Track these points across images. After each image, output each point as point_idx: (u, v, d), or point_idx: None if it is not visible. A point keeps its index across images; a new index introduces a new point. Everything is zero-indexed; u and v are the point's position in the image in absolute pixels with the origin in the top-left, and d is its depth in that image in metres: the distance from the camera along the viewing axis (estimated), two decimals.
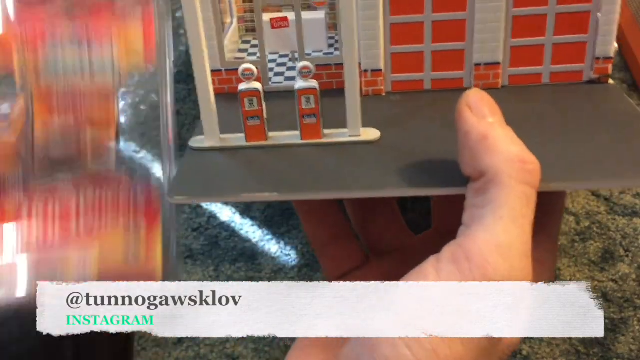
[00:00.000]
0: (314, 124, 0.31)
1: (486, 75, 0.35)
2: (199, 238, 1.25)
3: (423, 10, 0.34)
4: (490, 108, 0.26)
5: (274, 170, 0.30)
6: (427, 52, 0.35)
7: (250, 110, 0.31)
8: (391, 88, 0.36)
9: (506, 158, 0.25)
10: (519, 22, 0.34)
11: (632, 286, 1.22)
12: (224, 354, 1.12)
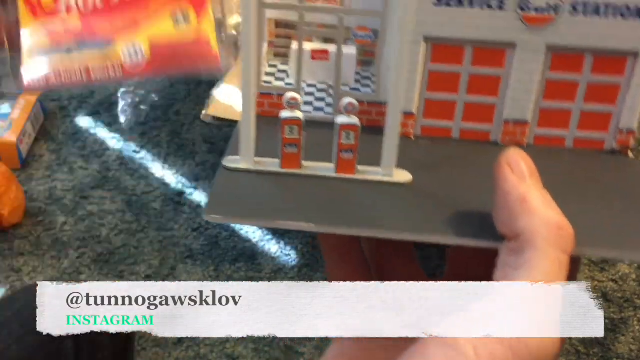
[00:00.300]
0: (351, 159, 0.31)
1: (514, 132, 0.36)
2: (199, 238, 1.26)
3: (462, 62, 0.34)
4: (530, 169, 0.27)
5: (309, 200, 0.30)
6: (459, 102, 0.36)
7: (289, 138, 0.31)
8: (420, 132, 0.36)
9: (544, 223, 0.25)
10: (552, 85, 0.35)
11: (632, 286, 1.22)
12: (224, 354, 1.12)
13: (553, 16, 0.33)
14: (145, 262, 1.17)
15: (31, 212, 1.24)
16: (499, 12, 0.33)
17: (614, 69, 0.35)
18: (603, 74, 0.35)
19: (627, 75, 0.35)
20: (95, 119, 1.45)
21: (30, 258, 1.17)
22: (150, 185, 1.30)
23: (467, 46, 0.34)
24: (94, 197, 1.27)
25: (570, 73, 0.35)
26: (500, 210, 0.27)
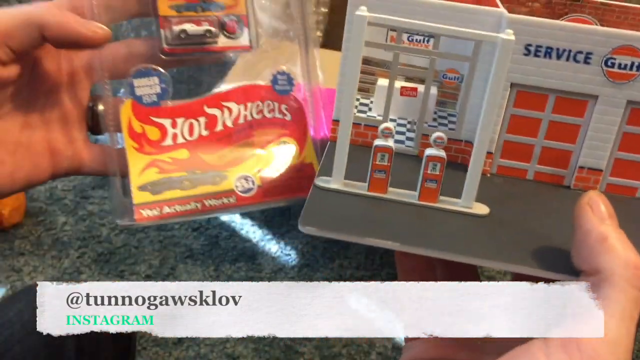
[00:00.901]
0: (434, 188, 0.34)
1: (587, 178, 0.38)
2: (199, 238, 1.26)
3: (544, 109, 0.37)
4: (609, 212, 0.29)
5: (394, 222, 0.33)
6: (537, 146, 0.38)
7: (380, 164, 0.34)
8: (496, 170, 0.39)
9: (623, 262, 0.27)
10: (628, 137, 0.37)
11: None
12: (224, 354, 1.12)
13: (636, 74, 0.35)
14: (146, 261, 1.17)
15: (32, 212, 1.24)
16: (585, 66, 0.35)
17: None
18: None
19: None
20: None
21: (30, 258, 1.17)
22: None
23: (550, 95, 0.36)
24: (94, 197, 1.27)
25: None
26: (580, 247, 0.29)
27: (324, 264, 1.19)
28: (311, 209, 0.33)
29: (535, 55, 0.35)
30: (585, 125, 0.37)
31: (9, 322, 0.58)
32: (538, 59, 0.35)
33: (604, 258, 0.27)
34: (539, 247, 0.31)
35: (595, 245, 0.28)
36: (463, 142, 0.38)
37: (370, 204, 0.34)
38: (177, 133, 0.41)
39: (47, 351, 0.57)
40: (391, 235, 0.31)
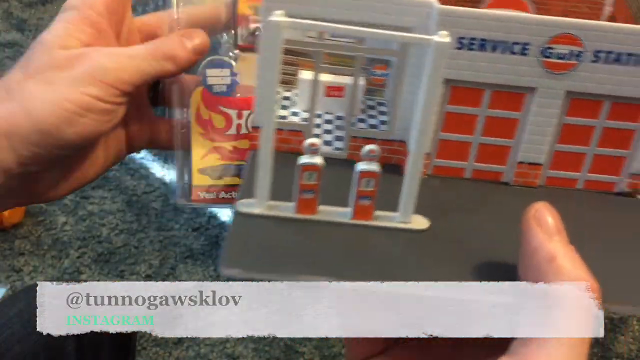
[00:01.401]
0: (368, 205, 0.31)
1: (527, 173, 0.36)
2: (199, 238, 1.26)
3: (480, 104, 0.35)
4: (557, 226, 0.27)
5: (327, 251, 0.30)
6: (474, 144, 0.36)
7: (307, 184, 0.30)
8: (432, 171, 0.37)
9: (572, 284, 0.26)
10: (568, 129, 0.36)
11: None
12: (224, 354, 1.12)
13: (574, 63, 0.34)
14: (146, 262, 1.17)
15: (32, 212, 1.24)
16: (521, 57, 0.33)
17: (630, 115, 0.35)
18: (619, 119, 0.35)
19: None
20: None
21: (30, 258, 1.17)
22: (150, 185, 1.30)
23: (486, 89, 0.35)
24: (94, 197, 1.27)
25: (587, 118, 0.35)
26: (527, 266, 0.27)
27: None
28: (233, 244, 0.29)
29: (469, 49, 0.33)
30: (524, 119, 0.35)
31: (9, 322, 0.58)
32: (472, 52, 0.33)
33: (551, 280, 0.26)
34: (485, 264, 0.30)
35: (542, 265, 0.26)
36: (396, 142, 0.36)
37: (300, 231, 0.31)
38: (242, 124, 0.42)
39: (47, 351, 0.57)
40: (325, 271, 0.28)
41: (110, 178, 1.31)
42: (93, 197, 1.27)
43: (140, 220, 1.24)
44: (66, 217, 1.23)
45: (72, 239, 1.20)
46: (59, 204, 1.25)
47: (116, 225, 1.23)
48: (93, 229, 1.22)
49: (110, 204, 1.26)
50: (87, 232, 1.21)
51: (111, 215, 1.24)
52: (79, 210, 1.25)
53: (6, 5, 1.68)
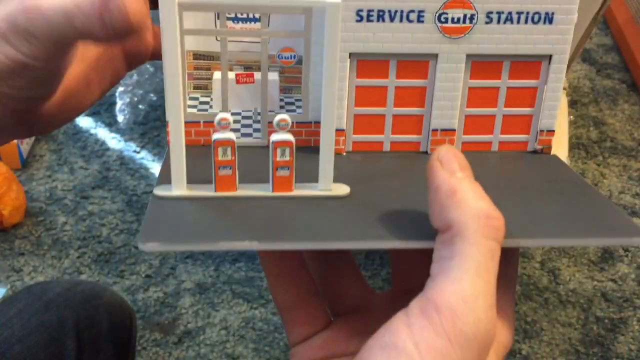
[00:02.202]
0: (287, 176, 0.31)
1: (442, 140, 0.37)
2: None
3: (387, 75, 0.35)
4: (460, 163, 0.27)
5: (248, 220, 0.30)
6: (388, 116, 0.36)
7: (223, 160, 0.30)
8: (351, 148, 0.37)
9: (473, 213, 0.25)
10: (474, 93, 0.36)
11: (632, 286, 1.22)
12: (224, 354, 1.12)
13: (469, 26, 0.35)
14: (146, 262, 1.17)
15: (32, 212, 1.24)
16: (419, 25, 0.34)
17: (531, 73, 0.36)
18: (521, 78, 0.36)
19: (543, 78, 0.36)
20: (95, 119, 1.46)
21: (30, 258, 1.17)
22: (150, 185, 1.30)
23: (391, 60, 0.35)
24: (94, 197, 1.27)
25: (490, 80, 0.36)
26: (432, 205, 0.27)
27: None
28: (151, 223, 0.29)
29: (368, 21, 0.34)
30: (431, 86, 0.36)
31: (8, 322, 0.58)
32: (372, 24, 0.34)
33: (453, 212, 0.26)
34: (402, 219, 0.30)
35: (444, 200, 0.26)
36: (312, 123, 0.36)
37: (219, 206, 0.30)
38: None
39: (47, 351, 0.57)
40: (247, 235, 0.28)
41: (110, 178, 1.31)
42: (93, 197, 1.27)
43: (140, 220, 1.24)
44: (66, 217, 1.23)
45: (72, 239, 1.20)
46: (59, 204, 1.25)
47: (116, 225, 1.23)
48: (93, 229, 1.22)
49: (110, 204, 1.26)
50: (87, 232, 1.21)
51: (111, 215, 1.24)
52: (79, 210, 1.25)
53: None
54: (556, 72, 0.36)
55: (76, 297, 0.62)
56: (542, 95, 0.37)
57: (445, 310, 0.24)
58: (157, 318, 1.10)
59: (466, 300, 0.24)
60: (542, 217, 0.31)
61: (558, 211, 0.32)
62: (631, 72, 1.63)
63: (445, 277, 0.25)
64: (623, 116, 1.52)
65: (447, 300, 0.24)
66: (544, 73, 0.36)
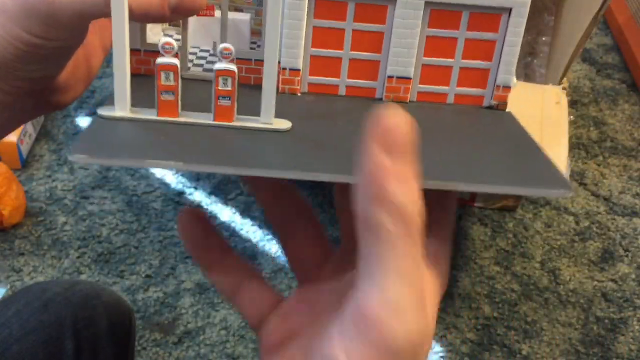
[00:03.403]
0: (229, 106, 0.31)
1: (397, 88, 0.36)
2: None
3: (345, 17, 0.35)
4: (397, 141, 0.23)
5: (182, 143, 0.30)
6: (345, 59, 0.36)
7: (166, 85, 0.30)
8: (307, 89, 0.36)
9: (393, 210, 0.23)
10: (432, 42, 0.36)
11: (632, 286, 1.22)
12: (224, 354, 1.12)
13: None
14: (146, 262, 1.17)
15: (32, 212, 1.24)
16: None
17: (489, 26, 0.36)
18: (479, 30, 0.36)
19: (502, 31, 0.36)
20: None
21: (30, 258, 1.17)
22: (150, 185, 1.30)
23: (349, 2, 0.34)
24: (94, 197, 1.28)
25: (449, 30, 0.36)
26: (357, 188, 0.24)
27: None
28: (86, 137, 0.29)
29: None
30: (389, 32, 0.35)
31: (7, 322, 0.58)
32: None
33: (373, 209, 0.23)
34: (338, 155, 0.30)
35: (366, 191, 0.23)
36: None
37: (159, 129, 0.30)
38: None
39: (46, 351, 0.57)
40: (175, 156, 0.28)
41: (110, 178, 1.31)
42: (93, 197, 1.27)
43: (140, 220, 1.24)
44: (66, 217, 1.23)
45: (72, 239, 1.20)
46: (58, 204, 1.25)
47: (116, 225, 1.23)
48: (93, 229, 1.22)
49: (110, 204, 1.26)
50: (87, 232, 1.21)
51: (111, 215, 1.24)
52: (79, 210, 1.25)
53: None
54: (515, 26, 0.35)
55: (75, 297, 0.62)
56: (500, 49, 0.36)
57: (372, 322, 0.23)
58: (157, 318, 1.10)
59: (394, 310, 0.23)
60: (475, 165, 0.31)
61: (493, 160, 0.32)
62: (631, 72, 1.62)
63: (371, 281, 0.24)
64: (623, 116, 1.52)
65: (374, 310, 0.23)
66: (502, 27, 0.36)
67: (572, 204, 1.34)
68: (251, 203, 1.29)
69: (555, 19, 1.08)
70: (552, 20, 1.09)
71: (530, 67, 1.10)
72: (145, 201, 1.27)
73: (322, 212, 1.28)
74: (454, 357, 1.08)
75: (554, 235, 1.27)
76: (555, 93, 1.02)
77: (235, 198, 1.29)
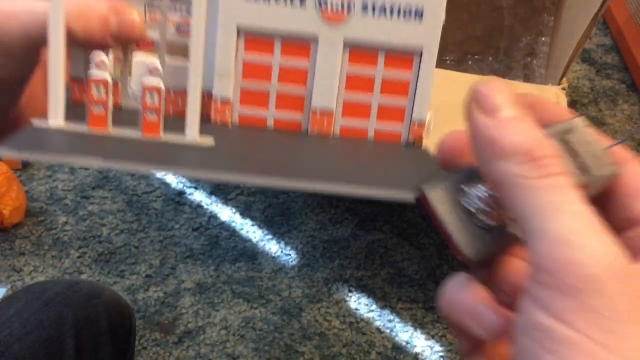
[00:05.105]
0: (155, 121, 0.33)
1: (321, 121, 0.38)
2: (199, 238, 1.26)
3: (273, 52, 0.37)
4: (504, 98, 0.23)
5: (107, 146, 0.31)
6: (272, 92, 0.38)
7: (97, 98, 0.32)
8: (237, 120, 0.38)
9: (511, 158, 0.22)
10: (352, 78, 0.38)
11: None
12: (224, 354, 1.12)
13: (346, 14, 0.37)
14: (146, 261, 1.18)
15: (32, 212, 1.24)
16: (301, 8, 0.36)
17: (404, 65, 0.38)
18: (395, 68, 0.38)
19: (415, 70, 0.38)
20: None
21: (31, 258, 1.17)
22: (150, 185, 1.31)
23: (276, 38, 0.37)
24: (94, 197, 1.28)
25: (367, 67, 0.38)
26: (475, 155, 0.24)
27: (324, 263, 1.20)
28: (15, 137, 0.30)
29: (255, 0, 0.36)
30: (313, 68, 0.37)
31: (7, 322, 0.58)
32: (259, 3, 0.36)
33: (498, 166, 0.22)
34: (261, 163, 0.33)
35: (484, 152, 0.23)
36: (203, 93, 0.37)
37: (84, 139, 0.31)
38: None
39: (46, 350, 0.57)
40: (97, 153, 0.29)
41: (110, 178, 1.31)
42: (93, 197, 1.28)
43: (140, 220, 1.24)
44: (66, 217, 1.24)
45: (73, 238, 1.20)
46: (59, 204, 1.26)
47: (116, 225, 1.23)
48: (93, 229, 1.22)
49: (111, 204, 1.26)
50: (88, 232, 1.22)
51: (111, 215, 1.24)
52: (79, 210, 1.25)
53: None
54: (427, 65, 0.38)
55: (75, 296, 0.62)
56: (414, 87, 0.38)
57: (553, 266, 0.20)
58: (157, 318, 1.10)
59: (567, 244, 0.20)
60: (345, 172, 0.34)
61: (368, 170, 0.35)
62: (631, 72, 1.63)
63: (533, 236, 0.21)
64: (623, 116, 1.52)
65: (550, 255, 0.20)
66: (415, 65, 0.38)
67: None
68: (251, 203, 1.30)
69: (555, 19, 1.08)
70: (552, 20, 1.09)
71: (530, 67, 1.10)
72: (145, 201, 1.27)
73: (322, 212, 1.28)
74: (454, 357, 1.08)
75: None
76: (554, 93, 1.02)
77: (235, 198, 1.30)
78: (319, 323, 1.11)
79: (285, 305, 1.13)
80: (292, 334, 1.10)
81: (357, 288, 1.17)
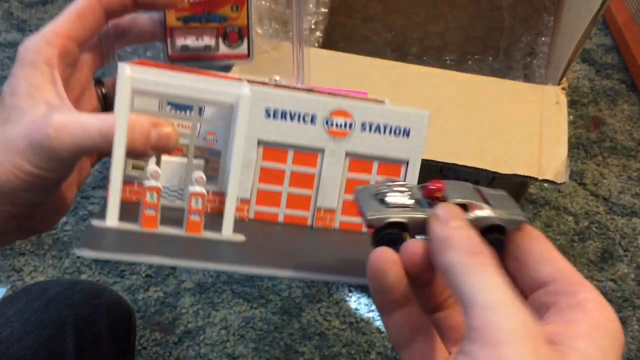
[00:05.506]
0: (198, 221, 0.40)
1: (325, 217, 0.46)
2: None
3: (286, 161, 0.45)
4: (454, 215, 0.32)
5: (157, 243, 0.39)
6: (284, 193, 0.45)
7: (150, 202, 0.39)
8: (253, 216, 0.45)
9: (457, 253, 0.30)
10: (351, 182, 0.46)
11: (631, 286, 1.22)
12: (224, 354, 1.12)
13: (349, 131, 0.45)
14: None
15: None
16: (311, 125, 0.44)
17: (393, 172, 0.46)
18: (386, 175, 0.46)
19: (402, 176, 0.46)
20: None
21: (31, 257, 1.17)
22: None
23: (289, 149, 0.45)
24: (94, 197, 1.28)
25: (364, 174, 0.46)
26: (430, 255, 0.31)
27: None
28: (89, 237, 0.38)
29: (274, 118, 0.44)
30: (319, 174, 0.45)
31: (8, 322, 0.58)
32: (276, 120, 0.44)
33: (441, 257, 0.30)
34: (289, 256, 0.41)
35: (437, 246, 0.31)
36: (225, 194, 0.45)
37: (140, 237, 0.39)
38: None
39: (47, 350, 0.58)
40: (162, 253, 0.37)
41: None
42: (93, 197, 1.28)
43: None
44: (66, 217, 1.23)
45: (73, 238, 1.20)
46: None
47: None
48: None
49: None
50: None
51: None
52: (79, 210, 1.25)
53: (7, 5, 1.68)
54: (412, 173, 0.46)
55: (75, 296, 0.62)
56: None
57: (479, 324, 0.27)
58: (157, 318, 1.10)
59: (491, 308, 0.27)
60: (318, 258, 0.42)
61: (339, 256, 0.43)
62: (631, 72, 1.63)
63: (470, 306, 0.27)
64: (622, 116, 1.52)
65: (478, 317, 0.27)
66: (403, 174, 0.46)
67: (572, 204, 1.34)
68: None
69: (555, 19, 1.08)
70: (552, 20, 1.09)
71: (530, 67, 1.10)
72: None
73: None
74: None
75: (553, 235, 1.27)
76: (554, 93, 1.02)
77: None
78: (319, 323, 1.11)
79: (285, 305, 1.13)
80: (292, 334, 1.10)
81: (357, 288, 1.17)
